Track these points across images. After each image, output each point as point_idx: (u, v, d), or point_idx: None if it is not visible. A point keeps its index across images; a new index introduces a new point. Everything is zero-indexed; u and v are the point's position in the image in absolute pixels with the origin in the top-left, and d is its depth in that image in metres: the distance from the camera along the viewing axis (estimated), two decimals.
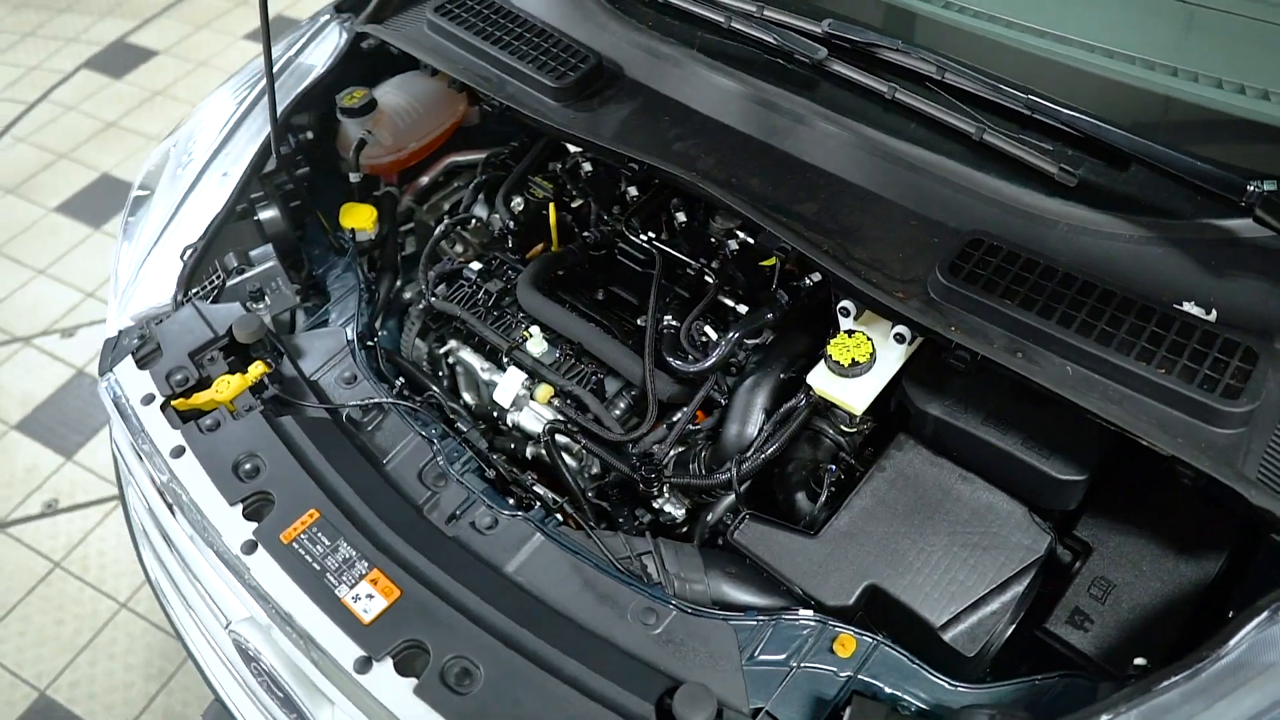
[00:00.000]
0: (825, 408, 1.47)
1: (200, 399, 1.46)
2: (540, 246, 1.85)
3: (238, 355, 1.52)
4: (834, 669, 1.23)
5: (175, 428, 1.42)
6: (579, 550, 1.33)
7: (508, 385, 1.58)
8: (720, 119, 1.62)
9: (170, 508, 1.44)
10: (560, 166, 1.85)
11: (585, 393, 1.55)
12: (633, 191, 1.77)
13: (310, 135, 1.93)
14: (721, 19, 1.69)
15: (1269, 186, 1.29)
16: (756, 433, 1.45)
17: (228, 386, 1.45)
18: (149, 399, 1.46)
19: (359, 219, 1.85)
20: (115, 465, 1.76)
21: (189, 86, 4.36)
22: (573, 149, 1.89)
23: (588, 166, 1.83)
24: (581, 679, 1.15)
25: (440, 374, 1.80)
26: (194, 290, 1.64)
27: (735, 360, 1.55)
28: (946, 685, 1.22)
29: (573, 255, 1.75)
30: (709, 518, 1.55)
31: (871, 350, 1.35)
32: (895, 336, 1.38)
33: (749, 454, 1.42)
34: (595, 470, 1.62)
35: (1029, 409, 1.35)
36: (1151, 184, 1.38)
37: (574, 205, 1.80)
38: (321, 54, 1.96)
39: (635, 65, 1.74)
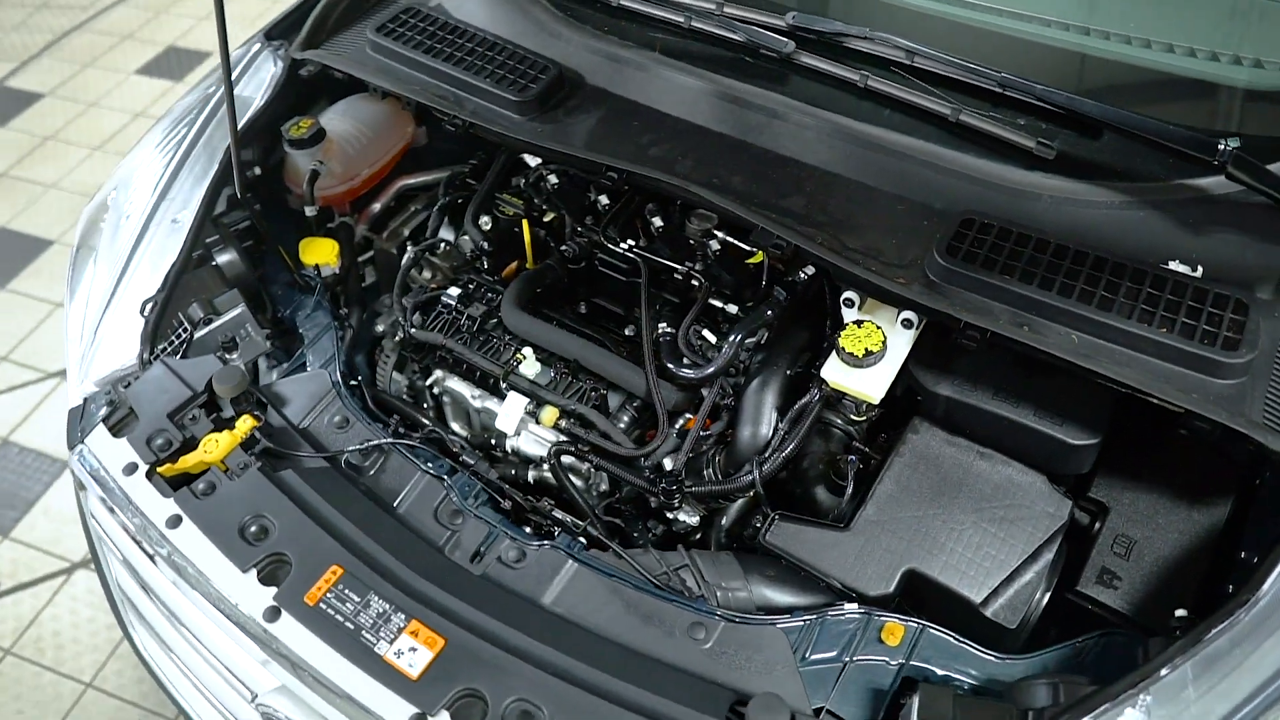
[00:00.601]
0: (835, 399, 1.47)
1: (188, 462, 1.37)
2: (515, 265, 1.80)
3: (221, 411, 1.44)
4: (885, 658, 1.23)
5: (167, 496, 1.33)
6: (614, 573, 1.30)
7: (510, 411, 1.54)
8: (693, 120, 1.61)
9: (172, 581, 1.35)
10: (524, 181, 1.81)
11: (591, 411, 1.52)
12: (604, 200, 1.74)
13: (258, 171, 1.84)
14: (681, 19, 1.68)
15: (1234, 144, 1.34)
16: (771, 432, 1.44)
17: (216, 446, 1.37)
18: (131, 468, 1.36)
19: (322, 254, 1.77)
20: (89, 542, 1.65)
21: (82, 129, 4.11)
22: (532, 161, 1.84)
23: (553, 179, 1.79)
24: (646, 704, 1.13)
25: (425, 406, 1.74)
26: (160, 346, 1.54)
27: (737, 361, 1.54)
28: (994, 659, 1.23)
29: (552, 271, 1.71)
30: (724, 521, 1.55)
31: (883, 339, 1.36)
32: (903, 322, 1.39)
33: (768, 454, 1.42)
34: (604, 488, 1.59)
35: (1036, 379, 1.38)
36: (1125, 150, 1.43)
37: (546, 220, 1.76)
38: (258, 85, 1.87)
39: (596, 72, 1.71)
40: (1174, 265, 1.35)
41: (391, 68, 1.78)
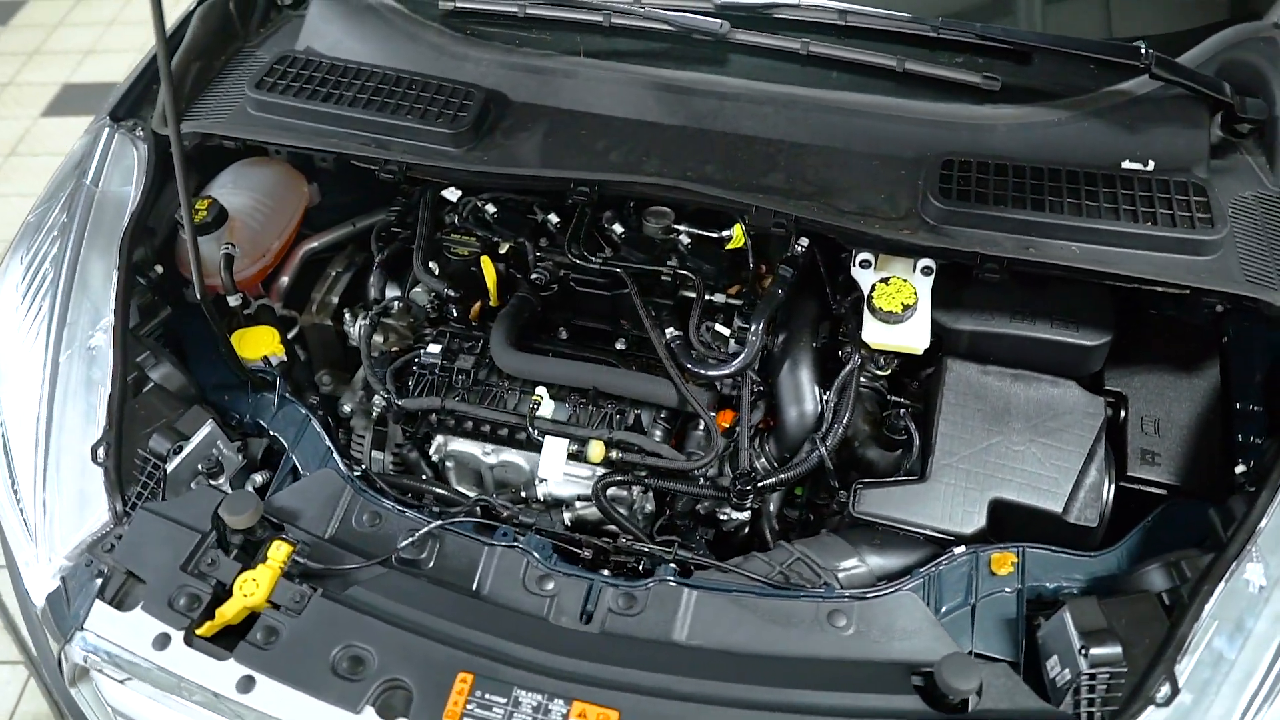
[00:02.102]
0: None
1: (228, 614, 1.18)
2: (479, 305, 1.68)
3: (241, 547, 1.25)
4: (1003, 589, 1.28)
5: (224, 658, 1.14)
6: (731, 588, 1.26)
7: (551, 456, 1.44)
8: (643, 117, 1.57)
9: None
10: (459, 216, 1.69)
11: (635, 435, 1.45)
12: (553, 219, 1.66)
13: (160, 269, 1.60)
14: (600, 18, 1.62)
15: (1145, 46, 1.49)
16: (817, 407, 1.45)
17: (257, 585, 1.19)
18: (163, 640, 1.16)
19: (265, 343, 1.57)
20: None
21: None
22: (453, 195, 1.72)
23: (490, 208, 1.68)
24: (838, 705, 1.10)
25: (424, 476, 1.60)
26: (132, 493, 1.31)
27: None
28: (1090, 559, 1.31)
29: (529, 303, 1.62)
30: (771, 508, 1.54)
31: (914, 291, 1.40)
32: (923, 270, 1.43)
33: (827, 429, 1.42)
34: (649, 509, 1.54)
35: (1041, 295, 1.47)
36: (1056, 70, 1.54)
37: (502, 251, 1.66)
38: (125, 174, 1.62)
39: (520, 88, 1.62)
40: (1128, 165, 1.48)
41: (291, 124, 1.60)
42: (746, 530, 1.58)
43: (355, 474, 1.40)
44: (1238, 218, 1.41)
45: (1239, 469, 1.33)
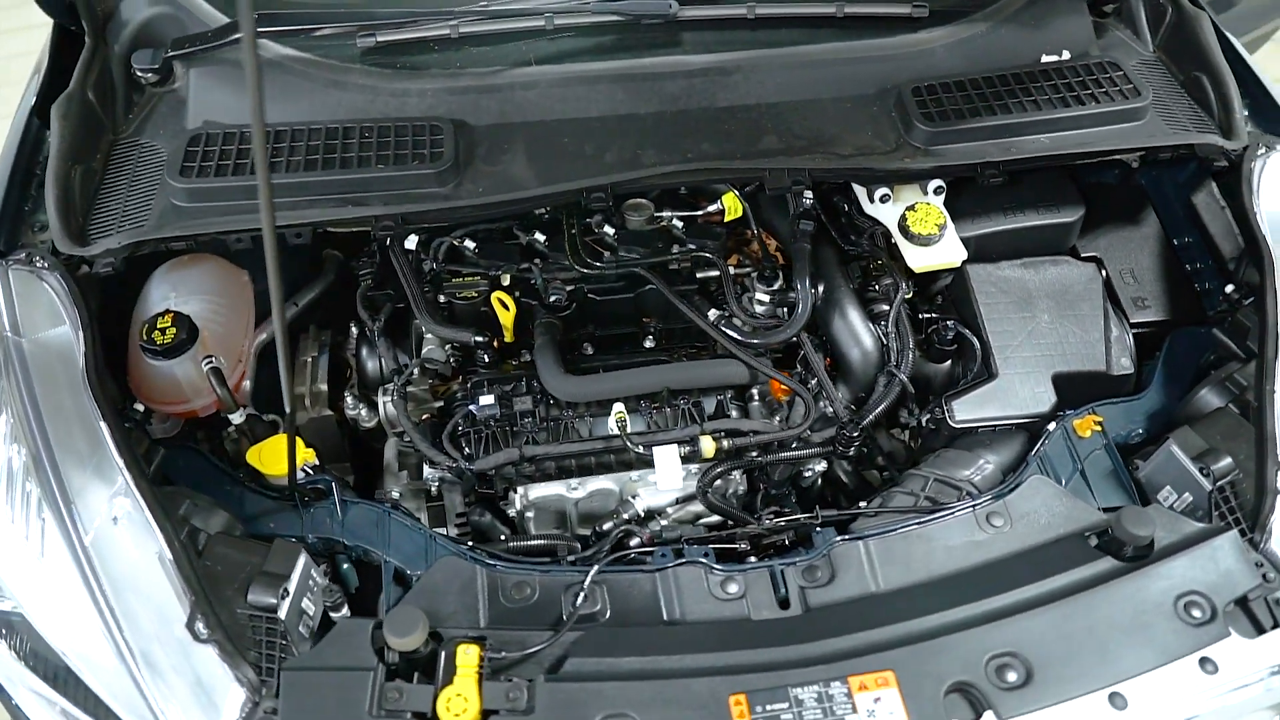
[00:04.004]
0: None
1: None
2: (496, 343, 1.58)
3: (420, 668, 1.12)
4: (1096, 448, 1.43)
5: None
6: (894, 527, 1.30)
7: (666, 465, 1.39)
8: (618, 112, 1.54)
9: None
10: (434, 261, 1.57)
11: (734, 420, 1.45)
12: (540, 236, 1.59)
13: (140, 406, 1.36)
14: (542, 23, 1.56)
15: None
16: (876, 343, 1.51)
17: (465, 700, 1.07)
18: None
19: (301, 453, 1.39)
20: None
21: None
22: (410, 243, 1.59)
23: (470, 243, 1.58)
24: (1056, 589, 1.18)
25: (502, 537, 1.50)
26: (253, 656, 1.12)
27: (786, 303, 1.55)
28: (1139, 400, 1.50)
29: (555, 326, 1.54)
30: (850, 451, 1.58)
31: (940, 211, 1.49)
32: (935, 190, 1.53)
33: (899, 358, 1.49)
34: (740, 490, 1.54)
35: (1018, 190, 1.63)
36: None
37: (506, 283, 1.56)
38: (47, 313, 1.35)
39: (481, 111, 1.53)
40: (1047, 58, 1.66)
41: (241, 206, 1.41)
42: (819, 482, 1.63)
43: (480, 551, 1.29)
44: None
45: (1229, 288, 1.55)
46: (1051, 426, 1.43)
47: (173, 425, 1.48)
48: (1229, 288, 1.55)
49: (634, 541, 1.38)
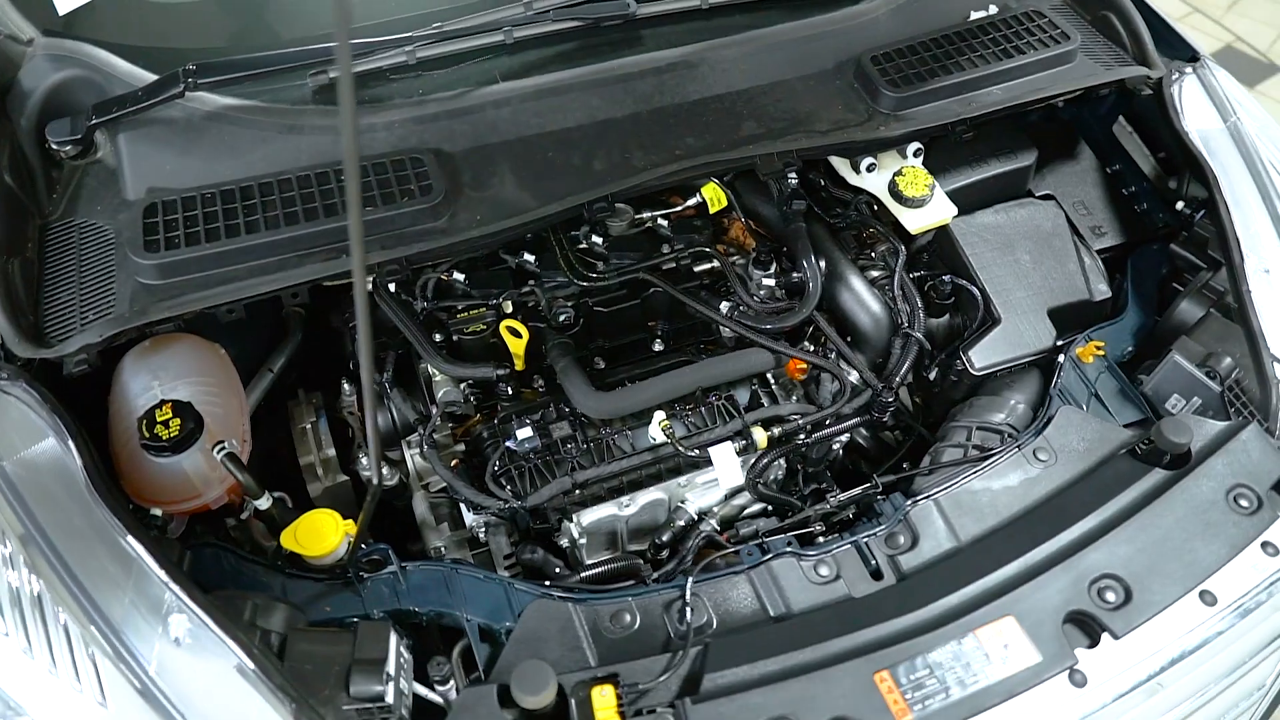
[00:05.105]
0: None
1: None
2: (510, 371, 1.52)
3: None
4: (1100, 370, 1.52)
5: None
6: (953, 480, 1.34)
7: (725, 463, 1.37)
8: (595, 118, 1.51)
9: None
10: (427, 301, 1.49)
11: (773, 408, 1.45)
12: (528, 257, 1.54)
13: (158, 510, 1.23)
14: (501, 37, 1.50)
15: None
16: (884, 306, 1.55)
17: None
18: None
19: (330, 527, 1.29)
20: None
21: None
22: (390, 287, 1.51)
23: (459, 275, 1.52)
24: (1120, 510, 1.25)
25: (557, 570, 1.45)
26: None
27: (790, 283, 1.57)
28: (1120, 321, 1.60)
29: (569, 346, 1.50)
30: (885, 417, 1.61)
31: (925, 172, 1.54)
32: (914, 153, 1.58)
33: (911, 318, 1.53)
34: (780, 475, 1.55)
35: (977, 143, 1.70)
36: None
37: (509, 310, 1.50)
38: (23, 432, 1.20)
39: (455, 136, 1.46)
40: (975, 15, 1.74)
41: (224, 275, 1.29)
42: (841, 453, 1.67)
43: (565, 590, 1.25)
44: None
45: (1179, 205, 1.67)
46: (1061, 359, 1.51)
47: (178, 525, 1.35)
48: (1179, 204, 1.68)
49: (717, 545, 1.36)
